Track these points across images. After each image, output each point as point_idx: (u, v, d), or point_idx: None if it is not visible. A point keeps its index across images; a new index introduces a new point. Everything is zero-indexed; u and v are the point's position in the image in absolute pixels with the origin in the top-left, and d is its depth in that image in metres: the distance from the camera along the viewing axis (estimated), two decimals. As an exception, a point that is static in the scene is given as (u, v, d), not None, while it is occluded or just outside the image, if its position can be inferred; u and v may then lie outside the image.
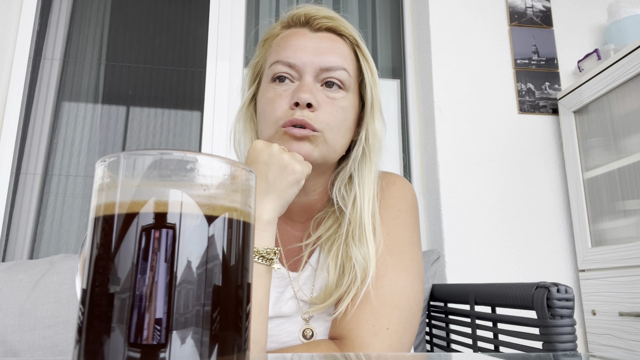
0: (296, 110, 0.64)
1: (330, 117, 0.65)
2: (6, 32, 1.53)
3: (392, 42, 1.83)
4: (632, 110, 1.31)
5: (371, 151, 0.70)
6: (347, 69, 0.68)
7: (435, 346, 1.15)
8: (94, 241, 0.25)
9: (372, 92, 0.71)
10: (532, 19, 1.69)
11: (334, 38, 0.69)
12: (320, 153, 0.65)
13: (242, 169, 0.27)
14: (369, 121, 0.70)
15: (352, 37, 0.71)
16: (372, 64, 0.72)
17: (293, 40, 0.68)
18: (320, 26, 0.69)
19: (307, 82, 0.65)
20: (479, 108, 1.60)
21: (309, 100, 0.63)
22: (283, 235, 0.74)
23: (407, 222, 0.70)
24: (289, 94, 0.66)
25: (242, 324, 0.26)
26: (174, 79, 1.69)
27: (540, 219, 1.53)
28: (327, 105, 0.66)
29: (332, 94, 0.67)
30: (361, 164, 0.70)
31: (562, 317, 0.62)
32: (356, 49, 0.71)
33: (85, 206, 1.55)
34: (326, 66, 0.66)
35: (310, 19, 0.70)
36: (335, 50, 0.68)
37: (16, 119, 1.53)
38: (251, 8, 1.78)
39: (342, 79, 0.67)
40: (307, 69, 0.66)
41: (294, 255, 0.72)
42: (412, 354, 0.57)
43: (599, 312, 1.36)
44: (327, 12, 0.70)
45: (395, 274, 0.64)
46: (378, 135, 0.70)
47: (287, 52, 0.67)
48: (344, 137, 0.68)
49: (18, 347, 1.00)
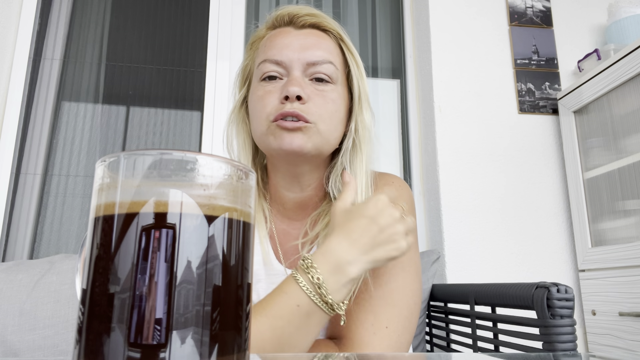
0: (286, 104, 0.65)
1: (321, 108, 0.66)
2: (6, 32, 1.53)
3: (392, 42, 1.83)
4: (632, 110, 1.31)
5: (361, 142, 0.70)
6: (334, 62, 0.69)
7: (435, 346, 1.15)
8: (94, 241, 0.25)
9: (359, 84, 0.72)
10: (532, 19, 1.69)
11: (319, 34, 0.71)
12: (314, 144, 0.66)
13: (242, 169, 0.27)
14: (358, 112, 0.71)
15: (336, 32, 0.72)
16: (357, 56, 0.73)
17: (278, 39, 0.69)
18: (304, 23, 0.71)
19: (295, 76, 0.66)
20: (479, 108, 1.60)
21: (298, 92, 0.64)
22: (280, 234, 0.74)
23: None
24: (279, 90, 0.67)
25: (242, 324, 0.26)
26: (174, 79, 1.69)
27: (540, 219, 1.53)
28: (317, 97, 0.66)
29: (321, 86, 0.68)
30: (352, 155, 0.71)
31: (562, 317, 0.62)
32: (341, 43, 0.73)
33: (85, 206, 1.55)
34: (312, 60, 0.67)
35: (294, 17, 0.71)
36: (320, 45, 0.69)
37: (16, 119, 1.53)
38: (251, 8, 1.78)
39: (329, 72, 0.68)
40: (295, 65, 0.67)
41: (292, 254, 0.72)
42: (412, 354, 0.57)
43: (599, 312, 1.36)
44: (309, 10, 0.71)
45: (393, 273, 0.64)
46: (367, 126, 0.71)
47: (274, 51, 0.68)
48: (337, 129, 0.69)
49: (18, 347, 1.00)
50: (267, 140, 0.66)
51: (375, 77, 1.78)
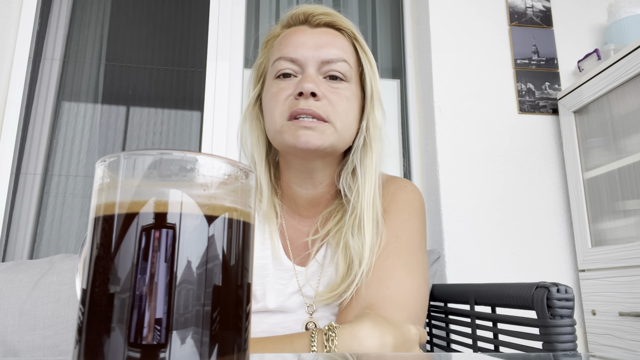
0: (300, 100, 0.65)
1: (337, 106, 0.67)
2: (6, 32, 1.53)
3: (392, 42, 1.83)
4: (632, 110, 1.31)
5: (372, 140, 0.71)
6: (348, 60, 0.70)
7: (435, 346, 1.15)
8: (94, 241, 0.25)
9: (371, 83, 0.72)
10: (532, 19, 1.69)
11: (333, 32, 0.71)
12: (331, 143, 0.66)
13: (242, 169, 0.27)
14: (370, 111, 0.72)
15: (350, 31, 0.73)
16: (370, 56, 0.74)
17: (294, 37, 0.70)
18: (319, 22, 0.71)
19: (309, 73, 0.67)
20: (479, 108, 1.60)
21: (313, 89, 0.64)
22: (290, 230, 0.75)
23: (415, 226, 0.71)
24: (293, 86, 0.67)
25: (242, 324, 0.26)
26: (174, 79, 1.69)
27: (540, 219, 1.53)
28: (331, 94, 0.67)
29: (335, 84, 0.68)
30: (363, 153, 0.71)
31: (562, 317, 0.61)
32: (354, 42, 0.73)
33: (85, 206, 1.55)
34: (327, 59, 0.68)
35: (309, 16, 0.72)
36: (335, 44, 0.69)
37: (16, 119, 1.53)
38: (251, 8, 1.78)
39: (344, 70, 0.69)
40: (309, 62, 0.67)
41: (302, 250, 0.72)
42: (412, 354, 0.57)
43: (599, 312, 1.36)
44: (324, 9, 0.72)
45: (402, 276, 0.65)
46: (378, 125, 0.72)
47: (289, 49, 0.69)
48: (352, 127, 0.70)
49: (18, 347, 1.00)
50: (282, 137, 0.67)
51: (375, 77, 1.78)
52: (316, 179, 0.72)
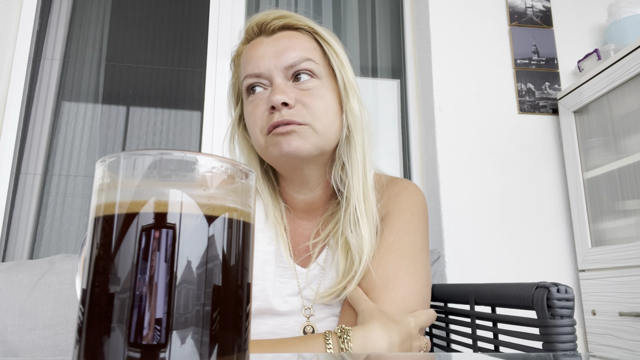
0: (275, 113, 0.65)
1: (312, 107, 0.66)
2: (6, 32, 1.53)
3: (392, 42, 1.83)
4: (632, 110, 1.31)
5: (354, 131, 0.70)
6: (312, 57, 0.69)
7: (435, 346, 1.15)
8: (94, 241, 0.25)
9: (341, 73, 0.71)
10: (532, 19, 1.69)
11: (291, 34, 0.70)
12: (313, 144, 0.66)
13: (242, 169, 0.27)
14: (346, 102, 0.71)
15: (307, 27, 0.72)
16: (335, 46, 0.72)
17: (253, 51, 0.70)
18: (273, 28, 0.71)
19: (277, 84, 0.66)
20: (479, 108, 1.60)
21: (282, 99, 0.64)
22: (292, 234, 0.75)
23: (419, 227, 0.71)
24: (265, 101, 0.67)
25: (242, 324, 0.26)
26: (174, 79, 1.69)
27: (540, 219, 1.53)
28: (304, 97, 0.66)
29: (306, 85, 0.67)
30: (347, 146, 0.71)
31: (562, 317, 0.61)
32: (316, 36, 0.72)
33: (85, 206, 1.55)
34: (289, 63, 0.67)
35: (262, 25, 0.71)
36: (294, 46, 0.68)
37: (16, 119, 1.53)
38: (251, 8, 1.78)
39: (310, 68, 0.68)
40: (274, 73, 0.67)
41: (302, 253, 0.73)
42: (413, 354, 0.58)
43: (599, 312, 1.36)
44: (277, 13, 0.71)
45: (406, 277, 0.65)
46: (356, 114, 0.71)
47: (252, 65, 0.69)
48: (333, 123, 0.69)
49: (18, 347, 1.00)
50: (268, 151, 0.67)
51: (375, 77, 1.78)
52: (312, 183, 0.73)
